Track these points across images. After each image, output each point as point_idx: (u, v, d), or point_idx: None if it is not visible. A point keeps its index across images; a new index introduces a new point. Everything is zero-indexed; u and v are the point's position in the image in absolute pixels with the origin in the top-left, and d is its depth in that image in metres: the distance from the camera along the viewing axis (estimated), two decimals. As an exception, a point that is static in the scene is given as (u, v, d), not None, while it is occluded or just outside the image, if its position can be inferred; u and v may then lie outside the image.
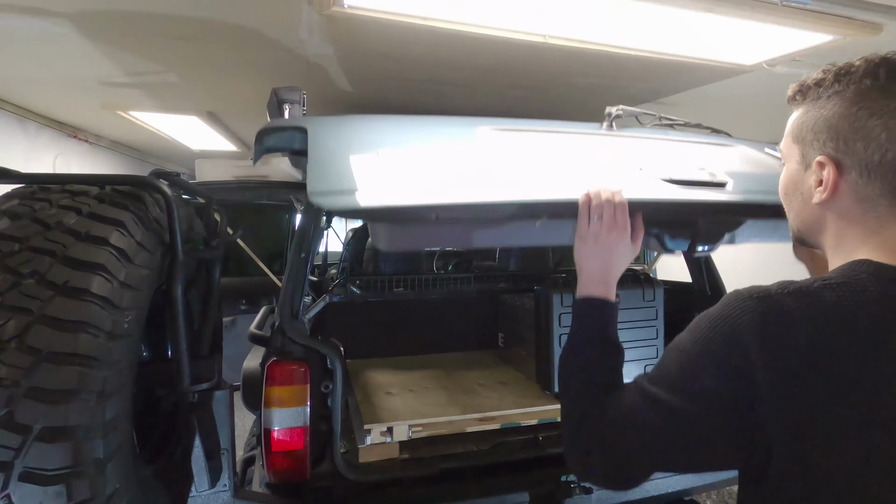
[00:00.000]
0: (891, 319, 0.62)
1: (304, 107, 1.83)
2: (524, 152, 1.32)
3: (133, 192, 1.29)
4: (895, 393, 0.60)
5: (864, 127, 0.67)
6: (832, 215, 0.73)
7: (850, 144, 0.68)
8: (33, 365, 0.97)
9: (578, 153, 1.40)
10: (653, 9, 1.54)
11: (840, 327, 0.62)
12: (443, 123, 1.39)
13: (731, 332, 0.65)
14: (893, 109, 0.65)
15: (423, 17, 1.63)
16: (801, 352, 0.62)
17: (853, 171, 0.69)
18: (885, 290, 0.63)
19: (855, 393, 0.60)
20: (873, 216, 0.69)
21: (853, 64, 0.69)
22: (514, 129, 1.43)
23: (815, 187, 0.73)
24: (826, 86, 0.72)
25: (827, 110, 0.71)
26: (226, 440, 1.40)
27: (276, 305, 1.98)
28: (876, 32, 1.66)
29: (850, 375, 0.61)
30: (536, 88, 2.43)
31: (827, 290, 0.64)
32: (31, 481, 0.95)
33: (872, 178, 0.68)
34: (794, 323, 0.63)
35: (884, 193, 0.68)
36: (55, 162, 3.40)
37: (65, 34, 1.82)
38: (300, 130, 1.28)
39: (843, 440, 0.61)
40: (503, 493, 1.70)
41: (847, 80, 0.69)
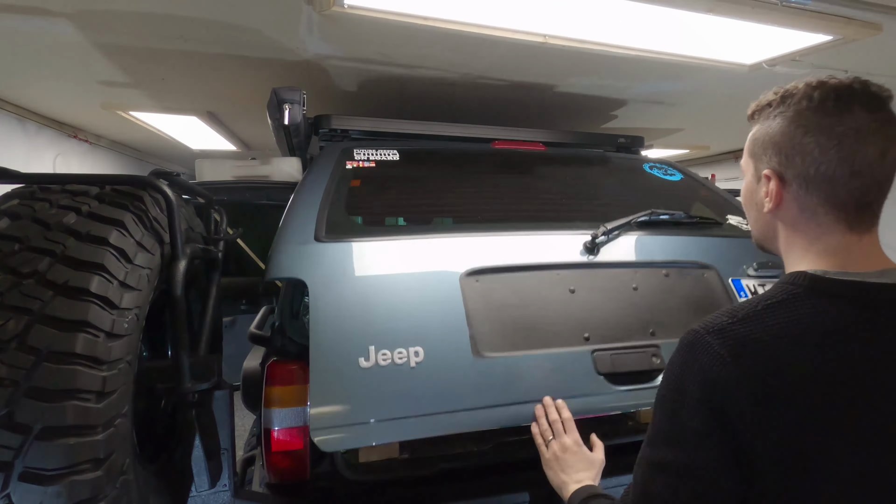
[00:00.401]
0: (821, 333, 0.69)
1: (305, 107, 1.83)
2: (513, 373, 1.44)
3: (133, 192, 1.29)
4: (836, 409, 0.67)
5: (801, 143, 0.73)
6: (781, 224, 0.80)
7: (790, 159, 0.75)
8: (33, 365, 0.97)
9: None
10: (653, 9, 1.54)
11: (779, 350, 0.68)
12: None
13: (699, 373, 0.71)
14: (824, 127, 0.71)
15: (423, 17, 1.63)
16: (762, 375, 0.68)
17: (794, 183, 0.75)
18: (817, 304, 0.71)
19: (813, 412, 0.67)
20: (814, 224, 0.76)
21: (796, 86, 0.76)
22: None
23: (765, 198, 0.80)
24: (774, 106, 0.79)
25: (773, 129, 0.78)
26: (226, 440, 1.40)
27: (276, 305, 1.98)
28: (876, 32, 1.66)
29: (799, 397, 0.67)
30: (536, 88, 2.43)
31: (770, 311, 0.72)
32: (31, 481, 0.95)
33: (811, 190, 0.74)
34: (751, 350, 0.69)
35: (821, 203, 0.74)
36: (55, 162, 3.39)
37: (65, 34, 1.82)
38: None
39: (819, 460, 0.66)
40: (503, 493, 1.70)
41: (789, 102, 0.76)
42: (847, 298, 0.70)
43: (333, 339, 1.35)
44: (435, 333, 1.40)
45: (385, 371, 1.34)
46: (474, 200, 1.86)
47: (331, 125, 2.04)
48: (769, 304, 0.72)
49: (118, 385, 1.09)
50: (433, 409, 1.33)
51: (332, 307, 1.39)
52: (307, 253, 1.47)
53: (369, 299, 1.42)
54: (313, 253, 1.47)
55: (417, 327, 1.40)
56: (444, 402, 1.35)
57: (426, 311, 1.43)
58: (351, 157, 1.89)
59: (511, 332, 1.48)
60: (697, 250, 1.78)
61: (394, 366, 1.35)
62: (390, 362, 1.35)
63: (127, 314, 1.12)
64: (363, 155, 1.90)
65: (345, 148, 1.93)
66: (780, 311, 0.71)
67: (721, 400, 0.69)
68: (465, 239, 1.60)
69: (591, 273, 1.64)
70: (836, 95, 0.72)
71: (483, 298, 1.50)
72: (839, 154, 0.71)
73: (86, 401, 1.00)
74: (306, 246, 1.48)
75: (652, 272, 1.70)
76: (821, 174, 0.72)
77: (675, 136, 3.65)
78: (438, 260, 1.53)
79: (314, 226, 1.55)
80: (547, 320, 1.51)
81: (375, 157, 1.90)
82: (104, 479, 1.03)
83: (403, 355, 1.36)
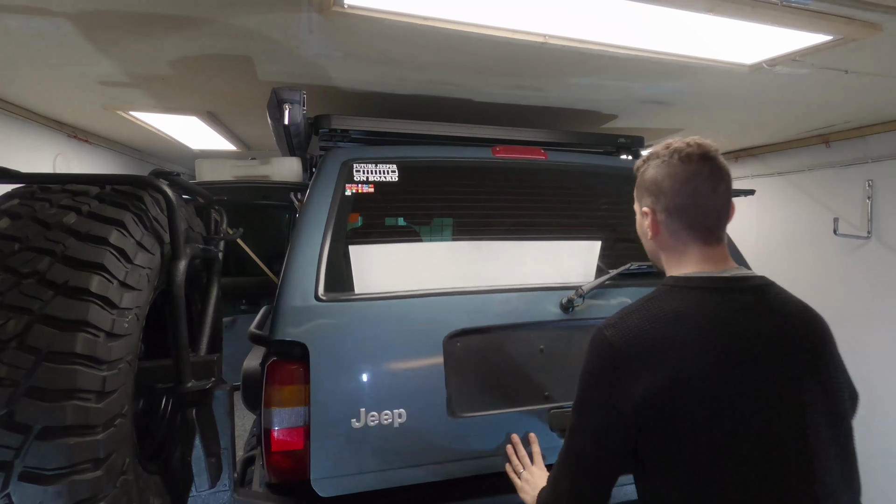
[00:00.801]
0: (681, 313, 0.96)
1: (305, 107, 1.83)
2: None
3: (133, 192, 1.29)
4: (695, 376, 0.90)
5: (662, 185, 1.04)
6: (660, 247, 1.09)
7: (657, 196, 1.05)
8: (33, 365, 0.97)
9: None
10: (653, 9, 1.54)
11: (656, 330, 0.94)
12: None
13: (597, 358, 0.98)
14: (676, 174, 1.02)
15: (423, 16, 1.63)
16: (641, 351, 0.93)
17: (662, 214, 1.05)
18: (679, 294, 0.99)
19: (679, 380, 0.90)
20: (681, 243, 1.05)
21: (657, 149, 1.07)
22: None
23: (647, 228, 1.09)
24: (645, 162, 1.10)
25: (646, 177, 1.08)
26: (226, 440, 1.40)
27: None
28: (876, 32, 1.66)
29: (669, 362, 0.91)
30: (536, 88, 2.43)
31: (647, 304, 1.00)
32: (31, 481, 0.95)
33: (673, 218, 1.04)
34: (634, 334, 0.95)
35: (682, 227, 1.03)
36: (55, 162, 3.39)
37: (65, 34, 1.82)
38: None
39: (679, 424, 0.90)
40: (503, 493, 1.70)
41: (654, 159, 1.07)
42: (700, 288, 0.99)
43: (331, 401, 1.56)
44: (417, 396, 1.61)
45: (373, 430, 1.55)
46: (465, 254, 1.92)
47: (331, 125, 2.04)
48: (647, 300, 1.01)
49: (118, 385, 1.09)
50: (413, 462, 1.57)
51: (331, 372, 1.57)
52: (308, 315, 1.61)
53: (362, 363, 1.60)
54: (313, 315, 1.61)
55: (402, 391, 1.60)
56: (421, 455, 1.58)
57: (411, 375, 1.62)
58: (351, 179, 1.89)
59: (482, 393, 1.69)
60: None
61: (380, 426, 1.56)
62: (377, 423, 1.56)
63: (127, 314, 1.12)
64: (363, 174, 1.91)
65: (345, 162, 1.92)
66: (654, 303, 0.99)
67: (615, 380, 0.94)
68: (451, 299, 1.73)
69: (560, 331, 1.80)
70: (681, 153, 1.02)
71: (461, 361, 1.68)
72: (686, 191, 1.01)
73: (86, 401, 1.00)
74: (307, 307, 1.62)
75: None
76: (677, 206, 1.03)
77: (675, 136, 3.66)
78: (425, 322, 1.68)
79: (314, 284, 1.65)
80: (515, 380, 1.72)
81: (375, 178, 1.91)
82: (104, 479, 1.03)
83: (389, 417, 1.57)
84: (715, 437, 0.89)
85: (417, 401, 1.60)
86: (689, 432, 0.89)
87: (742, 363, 0.91)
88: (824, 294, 3.62)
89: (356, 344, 1.62)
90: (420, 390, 1.61)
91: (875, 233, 3.32)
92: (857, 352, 3.40)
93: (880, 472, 3.30)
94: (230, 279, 2.68)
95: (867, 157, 3.31)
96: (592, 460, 0.98)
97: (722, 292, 0.97)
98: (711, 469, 0.89)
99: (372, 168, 1.92)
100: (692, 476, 0.90)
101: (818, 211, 3.66)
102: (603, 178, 2.27)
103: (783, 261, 3.94)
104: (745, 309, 0.96)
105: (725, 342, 0.92)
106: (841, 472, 0.93)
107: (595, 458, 0.97)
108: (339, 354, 1.59)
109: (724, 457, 0.88)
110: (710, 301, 0.96)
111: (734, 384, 0.90)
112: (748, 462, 0.88)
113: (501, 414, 1.67)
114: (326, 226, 1.77)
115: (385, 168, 1.93)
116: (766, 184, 3.95)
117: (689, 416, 0.89)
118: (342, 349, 1.60)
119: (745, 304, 0.96)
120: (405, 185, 1.96)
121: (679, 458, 0.90)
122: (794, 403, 0.91)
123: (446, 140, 2.16)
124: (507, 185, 2.10)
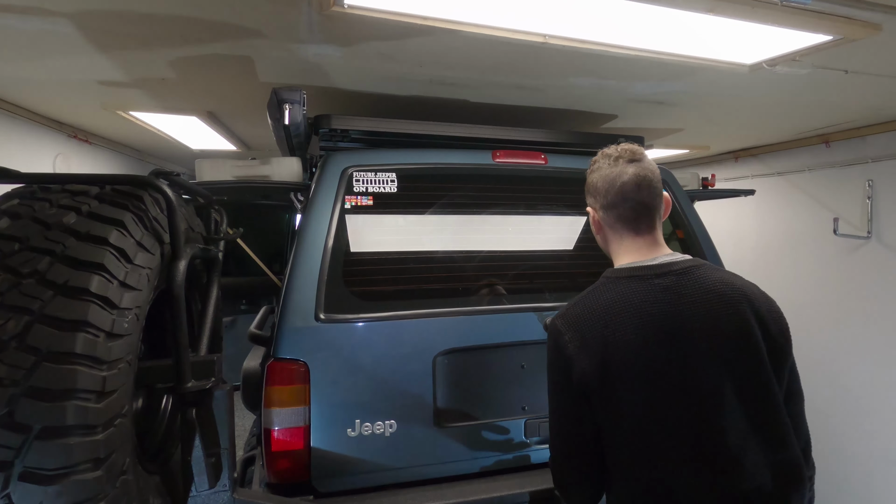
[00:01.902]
0: (617, 299, 1.12)
1: (305, 107, 1.83)
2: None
3: (133, 192, 1.29)
4: (627, 355, 1.07)
5: (597, 186, 1.20)
6: (605, 240, 1.26)
7: (595, 197, 1.22)
8: (33, 365, 0.97)
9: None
10: (653, 9, 1.54)
11: (593, 318, 1.11)
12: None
13: (553, 346, 1.16)
14: (605, 175, 1.19)
15: (423, 16, 1.63)
16: (585, 335, 1.11)
17: (601, 211, 1.22)
18: (615, 284, 1.15)
19: (612, 357, 1.07)
20: (617, 235, 1.21)
21: (603, 151, 1.23)
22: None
23: (593, 225, 1.27)
24: (592, 165, 1.25)
25: (590, 179, 1.24)
26: (226, 440, 1.40)
27: (275, 305, 1.98)
28: (876, 32, 1.66)
29: (606, 340, 1.08)
30: (536, 88, 2.43)
31: (590, 295, 1.17)
32: (31, 481, 0.95)
33: (609, 213, 1.20)
34: (578, 321, 1.13)
35: (617, 220, 1.19)
36: (55, 162, 3.39)
37: (65, 34, 1.82)
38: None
39: (620, 388, 1.07)
40: (503, 492, 1.70)
41: (595, 161, 1.24)
42: (628, 278, 1.14)
43: (329, 412, 1.69)
44: (407, 409, 1.76)
45: (366, 439, 1.72)
46: (458, 271, 1.97)
47: (331, 125, 2.04)
48: (590, 291, 1.18)
49: (118, 385, 1.09)
50: (401, 464, 1.76)
51: (329, 388, 1.69)
52: (308, 335, 1.71)
53: (358, 378, 1.73)
54: (314, 334, 1.72)
55: (393, 404, 1.75)
56: (409, 459, 1.76)
57: (402, 390, 1.76)
58: (351, 191, 1.90)
59: (466, 406, 1.84)
60: None
61: (373, 435, 1.73)
62: (370, 432, 1.72)
63: (127, 314, 1.12)
64: (362, 184, 1.91)
65: (345, 170, 1.91)
66: (592, 295, 1.16)
67: (564, 360, 1.11)
68: (442, 321, 1.84)
69: (540, 350, 1.83)
70: (611, 158, 1.19)
71: (449, 377, 1.82)
72: (614, 189, 1.17)
73: (86, 401, 1.00)
74: (308, 327, 1.71)
75: None
76: (609, 202, 1.18)
77: (675, 136, 3.65)
78: (418, 342, 1.80)
79: (314, 305, 1.73)
80: (496, 394, 1.87)
81: (374, 190, 1.92)
82: (104, 479, 1.03)
83: (381, 427, 1.73)
84: (642, 402, 1.06)
85: (407, 413, 1.76)
86: (623, 401, 1.07)
87: (664, 341, 1.07)
88: (824, 294, 3.62)
89: (354, 362, 1.73)
90: (410, 403, 1.76)
91: (875, 233, 3.32)
92: (857, 352, 3.41)
93: (879, 476, 3.30)
94: (230, 279, 2.69)
95: (867, 157, 3.31)
96: (562, 424, 1.16)
97: (646, 279, 1.13)
98: (643, 431, 1.06)
99: (372, 177, 1.93)
100: (630, 438, 1.07)
101: (818, 211, 3.66)
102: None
103: (783, 261, 3.94)
104: (666, 290, 1.10)
105: (647, 323, 1.08)
106: (760, 430, 1.06)
107: (562, 422, 1.16)
108: (337, 372, 1.71)
109: (652, 420, 1.06)
110: (635, 288, 1.12)
111: (657, 359, 1.07)
112: (670, 422, 1.05)
113: (481, 423, 1.85)
114: (325, 244, 1.80)
115: (385, 177, 1.94)
116: (766, 184, 3.95)
117: (621, 385, 1.06)
118: (341, 367, 1.72)
119: (667, 287, 1.11)
120: (405, 195, 1.96)
121: (619, 423, 1.08)
122: (709, 369, 1.06)
123: (446, 140, 2.15)
124: (509, 192, 2.10)
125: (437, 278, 1.93)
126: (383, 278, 1.89)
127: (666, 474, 1.05)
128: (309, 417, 1.65)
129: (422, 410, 1.77)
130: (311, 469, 1.67)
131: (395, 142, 2.15)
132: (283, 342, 1.68)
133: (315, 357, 1.69)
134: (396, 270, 1.91)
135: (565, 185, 2.17)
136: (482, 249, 2.01)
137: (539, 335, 1.89)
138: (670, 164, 4.42)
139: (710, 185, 2.81)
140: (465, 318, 1.86)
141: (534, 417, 1.88)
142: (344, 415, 1.70)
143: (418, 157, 2.04)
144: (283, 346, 1.68)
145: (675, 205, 2.27)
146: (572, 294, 1.26)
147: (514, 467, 1.85)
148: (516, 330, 1.88)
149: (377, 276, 1.89)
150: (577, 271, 2.09)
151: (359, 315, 1.77)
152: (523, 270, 2.04)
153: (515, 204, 2.09)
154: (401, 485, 1.74)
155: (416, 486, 1.74)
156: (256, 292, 3.66)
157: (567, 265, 2.11)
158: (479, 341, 1.85)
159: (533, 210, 2.12)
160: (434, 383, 1.78)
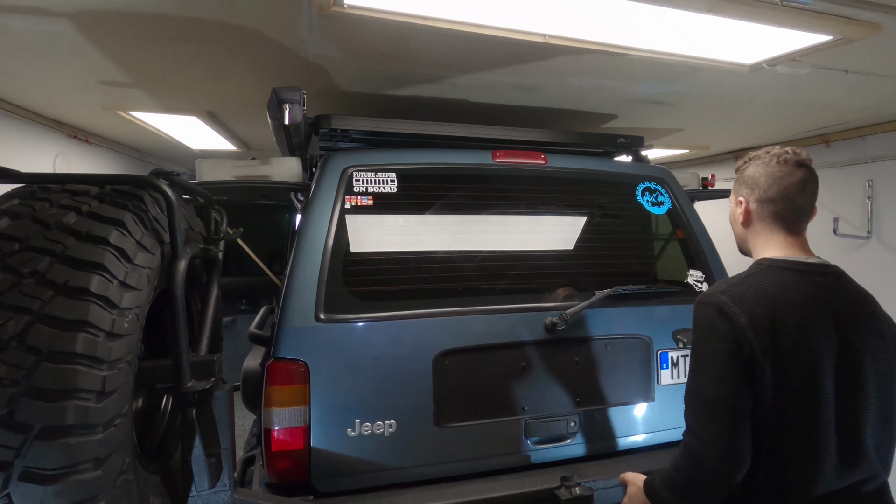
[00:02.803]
0: (780, 287, 1.17)
1: (305, 107, 1.83)
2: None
3: (133, 192, 1.29)
4: (794, 337, 1.12)
5: (758, 180, 1.26)
6: (750, 232, 1.31)
7: (752, 189, 1.27)
8: (33, 365, 0.97)
9: None
10: (653, 9, 1.54)
11: (760, 298, 1.15)
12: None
13: (718, 316, 1.15)
14: (770, 172, 1.24)
15: (423, 16, 1.63)
16: (754, 313, 1.12)
17: (755, 203, 1.27)
18: (776, 274, 1.20)
19: (780, 338, 1.12)
20: (767, 230, 1.27)
21: (758, 153, 1.29)
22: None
23: (739, 215, 1.32)
24: (746, 162, 1.31)
25: (746, 173, 1.30)
26: (226, 440, 1.40)
27: (275, 305, 1.98)
28: (876, 32, 1.66)
29: (776, 328, 1.12)
30: (536, 88, 2.43)
31: (750, 279, 1.21)
32: (31, 481, 0.95)
33: (764, 207, 1.26)
34: (746, 300, 1.15)
35: (771, 215, 1.25)
36: (55, 162, 3.39)
37: (65, 34, 1.82)
38: None
39: (785, 372, 1.11)
40: (503, 493, 1.70)
41: (755, 159, 1.29)
42: (792, 269, 1.20)
43: (329, 412, 1.68)
44: (406, 409, 1.75)
45: (366, 438, 1.71)
46: (459, 271, 1.97)
47: (331, 125, 2.04)
48: (748, 275, 1.22)
49: (118, 385, 1.09)
50: (401, 464, 1.74)
51: (329, 388, 1.69)
52: (308, 335, 1.70)
53: (358, 378, 1.72)
54: (314, 334, 1.71)
55: (393, 404, 1.74)
56: (409, 459, 1.75)
57: (402, 390, 1.75)
58: (351, 191, 1.89)
59: (466, 406, 1.83)
60: (639, 320, 2.03)
61: (373, 435, 1.71)
62: (370, 432, 1.71)
63: (127, 314, 1.12)
64: (362, 184, 1.91)
65: (345, 170, 1.91)
66: (755, 278, 1.20)
67: (734, 330, 1.12)
68: (442, 321, 1.83)
69: (541, 350, 1.91)
70: (779, 157, 1.24)
71: (449, 377, 1.80)
72: (777, 187, 1.23)
73: (86, 400, 1.00)
74: (308, 327, 1.71)
75: (595, 345, 1.97)
76: (769, 197, 1.24)
77: (675, 136, 3.65)
78: (418, 342, 1.79)
79: (314, 305, 1.73)
80: (496, 394, 1.85)
81: (374, 190, 1.91)
82: (104, 479, 1.03)
83: (381, 427, 1.72)
84: (803, 388, 1.11)
85: (407, 413, 1.75)
86: (787, 383, 1.10)
87: (827, 333, 1.14)
88: (824, 294, 3.61)
89: (354, 362, 1.73)
90: (410, 403, 1.75)
91: (875, 233, 3.32)
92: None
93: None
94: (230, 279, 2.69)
95: (867, 157, 3.31)
96: (723, 395, 1.13)
97: (808, 274, 1.19)
98: (800, 415, 1.11)
99: (372, 177, 1.92)
100: (787, 417, 1.11)
101: (818, 211, 3.66)
102: (601, 185, 2.26)
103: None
104: (826, 287, 1.19)
105: (812, 313, 1.15)
106: (884, 427, 1.17)
107: (724, 393, 1.13)
108: (337, 372, 1.70)
109: (808, 404, 1.11)
110: (800, 279, 1.18)
111: (820, 347, 1.13)
112: (826, 408, 1.11)
113: (481, 423, 1.83)
114: (325, 244, 1.80)
115: (385, 177, 1.94)
116: (766, 184, 3.94)
117: (788, 366, 1.11)
118: (341, 367, 1.71)
119: (826, 285, 1.19)
120: (405, 195, 1.95)
121: (779, 402, 1.10)
122: (861, 365, 1.15)
123: (446, 140, 2.15)
124: (509, 192, 2.10)
125: (437, 278, 1.93)
126: (383, 278, 1.89)
127: (811, 458, 1.11)
128: (309, 417, 1.65)
129: (422, 410, 1.76)
130: (311, 469, 1.65)
131: (395, 142, 2.15)
132: (283, 342, 1.68)
133: (315, 357, 1.68)
134: (396, 270, 1.91)
135: (565, 185, 2.17)
136: (482, 249, 2.01)
137: (539, 335, 1.88)
138: (670, 164, 4.42)
139: (710, 185, 2.80)
140: (465, 318, 1.85)
141: (534, 417, 1.87)
142: (344, 415, 1.69)
143: (418, 157, 2.03)
144: (283, 346, 1.67)
145: (675, 205, 2.27)
146: (573, 294, 1.23)
147: (514, 467, 1.84)
148: (516, 330, 1.88)
149: (377, 276, 1.88)
150: (578, 271, 2.09)
151: (359, 315, 1.76)
152: (523, 270, 2.04)
153: (515, 204, 2.09)
154: (401, 485, 1.72)
155: (416, 486, 1.73)
156: (256, 292, 3.66)
157: (567, 265, 2.11)
158: (479, 341, 1.84)
159: (533, 210, 2.12)
160: (434, 383, 1.78)
